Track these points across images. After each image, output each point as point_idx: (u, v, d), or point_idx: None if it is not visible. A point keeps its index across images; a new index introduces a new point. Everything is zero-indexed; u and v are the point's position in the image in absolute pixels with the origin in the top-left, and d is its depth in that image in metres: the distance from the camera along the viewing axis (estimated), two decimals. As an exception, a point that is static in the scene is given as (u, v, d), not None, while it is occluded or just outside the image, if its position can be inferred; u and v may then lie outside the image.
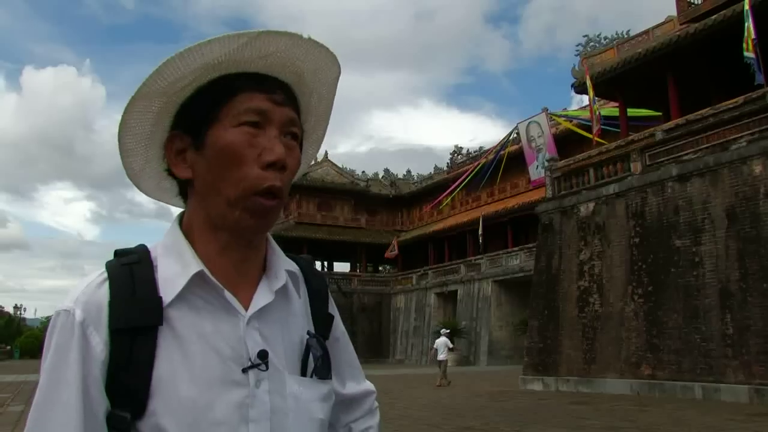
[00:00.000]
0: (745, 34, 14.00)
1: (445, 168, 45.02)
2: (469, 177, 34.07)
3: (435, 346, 19.76)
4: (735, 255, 12.70)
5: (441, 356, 19.00)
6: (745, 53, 14.02)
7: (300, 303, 0.92)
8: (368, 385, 1.05)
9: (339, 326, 0.99)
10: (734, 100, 13.96)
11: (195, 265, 0.81)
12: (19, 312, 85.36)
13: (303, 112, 0.91)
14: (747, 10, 14.12)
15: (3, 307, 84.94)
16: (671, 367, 13.43)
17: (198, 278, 0.81)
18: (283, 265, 0.90)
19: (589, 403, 12.42)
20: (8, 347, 62.66)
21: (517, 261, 31.18)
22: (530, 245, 27.94)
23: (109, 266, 0.82)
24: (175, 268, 0.81)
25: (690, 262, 13.57)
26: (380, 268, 48.10)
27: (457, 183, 35.11)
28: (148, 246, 0.86)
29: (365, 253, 43.81)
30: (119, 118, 0.83)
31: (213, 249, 0.84)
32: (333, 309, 0.99)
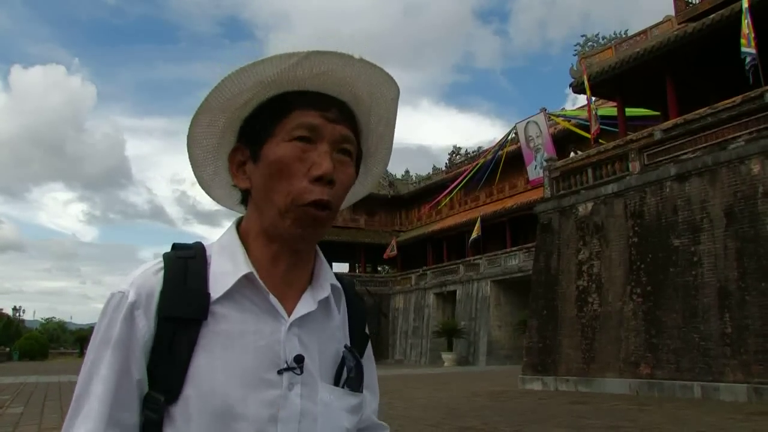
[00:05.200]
0: (744, 30, 13.97)
1: (444, 168, 44.96)
2: (468, 177, 34.07)
3: None
4: (733, 254, 12.71)
5: None
6: (743, 48, 13.99)
7: (339, 318, 0.96)
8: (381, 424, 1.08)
9: (370, 347, 1.04)
10: (732, 99, 13.97)
11: (245, 267, 0.86)
12: (18, 314, 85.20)
13: (363, 131, 0.96)
14: (746, 9, 14.12)
15: (2, 309, 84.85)
16: (670, 367, 13.44)
17: (247, 280, 0.86)
18: (329, 279, 0.95)
19: (588, 403, 12.43)
20: (7, 349, 62.45)
21: (516, 261, 31.14)
22: (529, 245, 27.94)
23: (166, 257, 0.88)
24: (227, 267, 0.87)
25: (689, 261, 13.58)
26: (379, 269, 48.07)
27: (455, 183, 35.10)
28: (205, 244, 0.92)
29: (364, 254, 43.78)
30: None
31: (264, 256, 0.89)
32: (367, 330, 1.03)
